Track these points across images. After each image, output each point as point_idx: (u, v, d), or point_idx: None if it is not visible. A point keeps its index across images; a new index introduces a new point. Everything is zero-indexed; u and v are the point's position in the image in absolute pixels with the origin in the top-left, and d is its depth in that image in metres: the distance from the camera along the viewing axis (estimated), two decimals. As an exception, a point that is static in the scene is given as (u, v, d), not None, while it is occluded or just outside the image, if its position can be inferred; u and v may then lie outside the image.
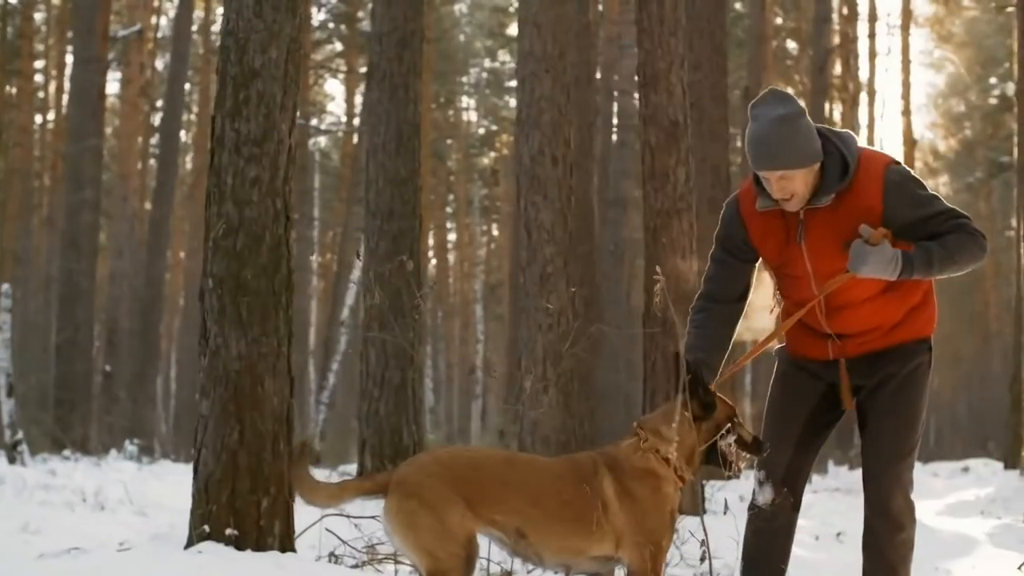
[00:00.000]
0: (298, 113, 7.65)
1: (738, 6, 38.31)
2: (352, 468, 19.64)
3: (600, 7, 26.18)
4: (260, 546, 7.01)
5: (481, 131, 56.38)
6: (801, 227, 5.65)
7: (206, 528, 6.98)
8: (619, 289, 26.37)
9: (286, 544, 7.19)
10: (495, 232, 59.51)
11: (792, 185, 5.51)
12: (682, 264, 11.42)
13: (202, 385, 7.18)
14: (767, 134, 5.48)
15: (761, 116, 5.51)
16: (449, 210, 58.07)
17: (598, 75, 25.42)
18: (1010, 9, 22.14)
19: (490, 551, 7.09)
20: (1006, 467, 23.68)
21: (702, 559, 7.60)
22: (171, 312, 47.38)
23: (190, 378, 44.42)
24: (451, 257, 61.77)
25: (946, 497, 15.56)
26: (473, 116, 57.56)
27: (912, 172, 5.68)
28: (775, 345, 6.09)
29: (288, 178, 7.33)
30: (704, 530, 6.37)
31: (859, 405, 5.92)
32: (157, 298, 31.94)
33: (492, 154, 56.82)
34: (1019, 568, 9.96)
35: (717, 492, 13.00)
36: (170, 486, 15.59)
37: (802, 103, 5.58)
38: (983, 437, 49.28)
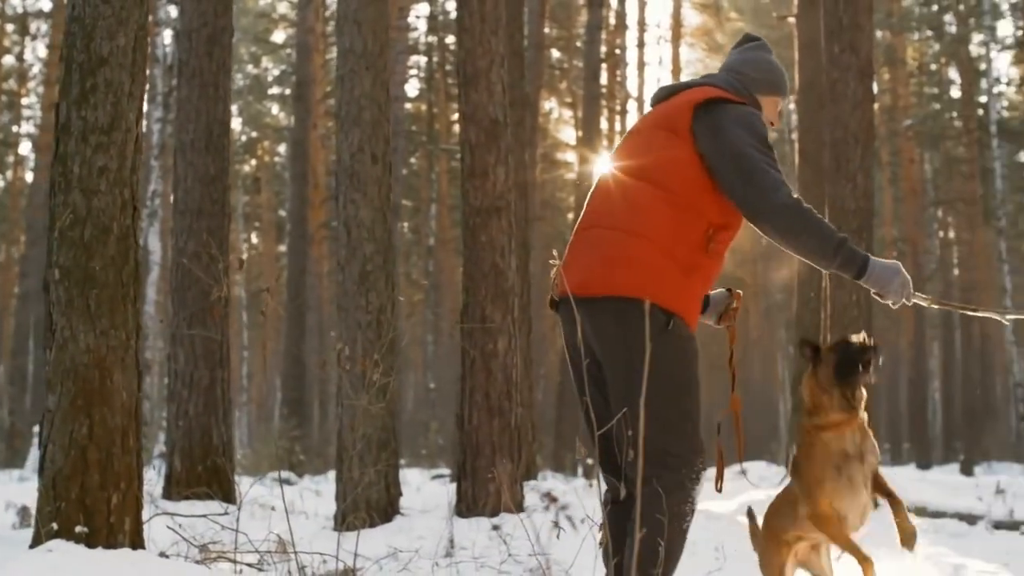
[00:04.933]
0: None
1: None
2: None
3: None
4: (111, 543, 6.84)
5: (244, 138, 55.81)
6: None
7: (54, 526, 6.77)
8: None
9: (136, 540, 7.03)
10: (255, 240, 59.05)
11: None
12: (501, 262, 11.52)
13: (48, 379, 6.98)
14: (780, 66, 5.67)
15: (762, 51, 5.68)
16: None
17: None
18: (791, 19, 22.71)
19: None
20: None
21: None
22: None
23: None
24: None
25: (736, 497, 15.86)
26: (236, 123, 56.93)
27: None
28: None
29: (136, 168, 7.19)
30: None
31: None
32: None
33: (254, 161, 56.35)
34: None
35: (530, 491, 13.13)
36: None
37: None
38: (747, 441, 50.49)
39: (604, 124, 39.57)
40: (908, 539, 5.94)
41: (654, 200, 5.23)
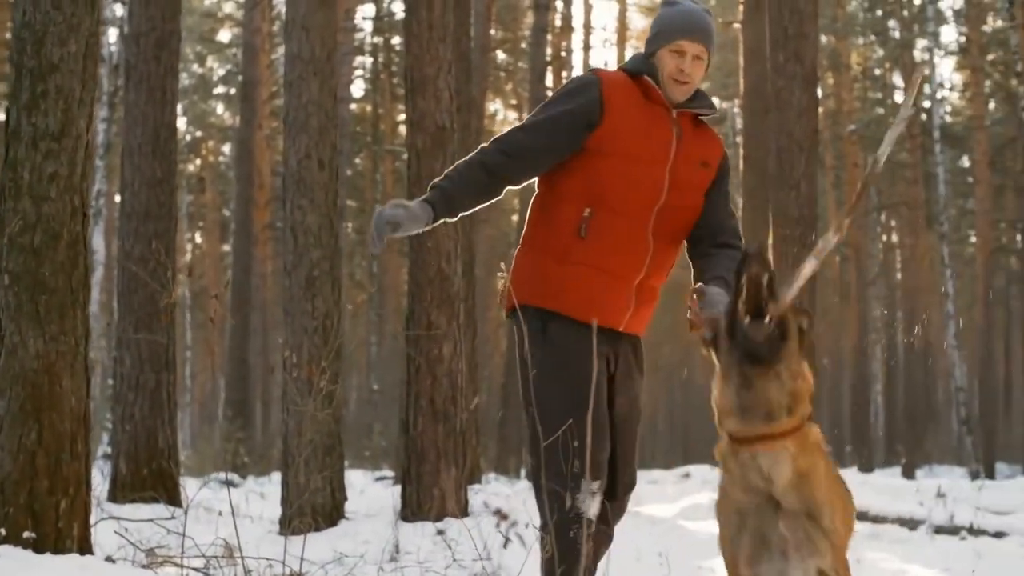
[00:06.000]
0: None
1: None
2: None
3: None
4: (59, 548, 6.86)
5: (188, 138, 55.51)
6: (676, 126, 5.26)
7: (2, 531, 6.78)
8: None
9: (84, 546, 7.06)
10: (199, 239, 58.78)
11: (698, 71, 5.23)
12: (447, 267, 11.57)
13: (-4, 385, 7.00)
14: (696, 10, 5.28)
15: (662, 7, 5.37)
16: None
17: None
18: (736, 25, 22.85)
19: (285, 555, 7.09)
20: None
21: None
22: None
23: None
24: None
25: (679, 501, 16.00)
26: (180, 123, 56.54)
27: None
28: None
29: (86, 174, 7.20)
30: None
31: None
32: None
33: (198, 161, 56.06)
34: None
35: (475, 496, 13.16)
36: None
37: None
38: (686, 442, 50.79)
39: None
40: None
41: (533, 203, 5.38)
